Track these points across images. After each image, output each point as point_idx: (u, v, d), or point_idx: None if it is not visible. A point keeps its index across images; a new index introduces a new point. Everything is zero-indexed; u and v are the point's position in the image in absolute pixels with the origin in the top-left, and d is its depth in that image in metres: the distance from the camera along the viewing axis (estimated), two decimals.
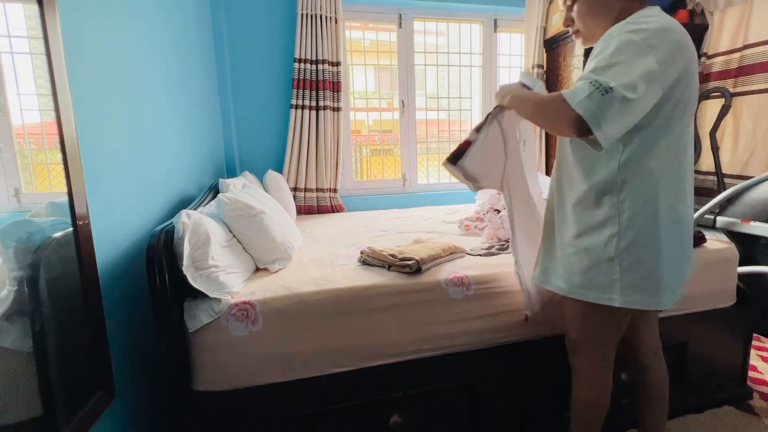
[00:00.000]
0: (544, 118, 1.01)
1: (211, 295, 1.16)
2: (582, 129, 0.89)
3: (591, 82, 0.88)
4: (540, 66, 2.96)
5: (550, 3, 2.86)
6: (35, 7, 0.80)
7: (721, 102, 2.41)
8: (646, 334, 1.24)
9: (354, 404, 1.28)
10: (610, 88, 0.86)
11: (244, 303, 1.19)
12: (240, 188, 1.80)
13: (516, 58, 3.24)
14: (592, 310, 1.09)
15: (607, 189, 1.00)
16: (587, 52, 2.53)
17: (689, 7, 2.56)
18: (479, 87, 3.20)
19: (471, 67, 3.19)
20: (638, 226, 0.98)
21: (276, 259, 1.46)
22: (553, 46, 2.93)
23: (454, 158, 1.18)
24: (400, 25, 2.92)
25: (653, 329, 1.25)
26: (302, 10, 2.51)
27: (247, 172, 2.29)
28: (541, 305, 1.35)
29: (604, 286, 1.02)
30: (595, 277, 1.03)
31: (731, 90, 2.41)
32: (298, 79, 2.57)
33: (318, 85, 2.61)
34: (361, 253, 1.49)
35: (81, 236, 0.89)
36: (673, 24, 0.96)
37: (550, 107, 0.96)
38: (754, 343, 2.03)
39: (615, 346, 1.16)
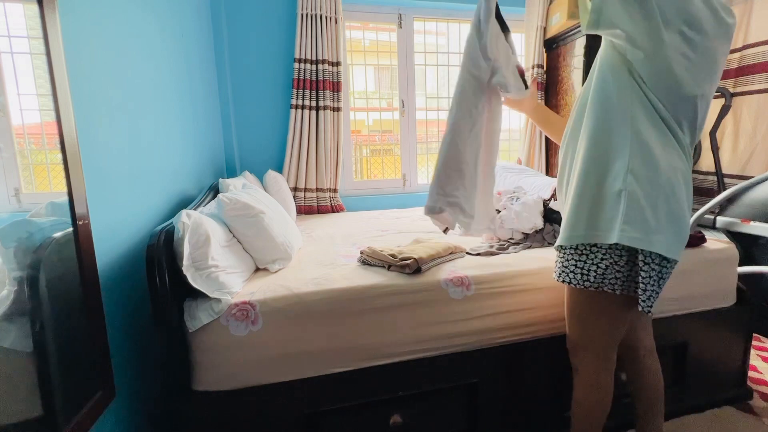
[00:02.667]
0: None
1: (211, 295, 1.16)
2: None
3: None
4: (540, 66, 2.96)
5: (550, 3, 2.86)
6: (35, 7, 0.80)
7: (721, 102, 2.41)
8: (641, 334, 1.24)
9: (354, 404, 1.28)
10: None
11: (244, 303, 1.19)
12: (240, 188, 1.80)
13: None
14: (594, 306, 1.10)
15: (613, 131, 1.01)
16: (587, 53, 2.53)
17: None
18: None
19: None
20: (643, 164, 0.98)
21: (276, 259, 1.46)
22: (553, 46, 2.93)
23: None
24: (400, 25, 2.92)
25: (647, 328, 1.26)
26: (302, 10, 2.51)
27: (247, 172, 2.29)
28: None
29: (606, 223, 1.00)
30: (600, 215, 1.01)
31: (731, 90, 2.41)
32: (298, 79, 2.57)
33: (318, 85, 2.61)
34: (361, 253, 1.49)
35: (81, 236, 0.89)
36: None
37: None
38: (754, 343, 2.03)
39: (616, 347, 1.16)
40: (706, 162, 2.56)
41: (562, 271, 1.12)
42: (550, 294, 1.38)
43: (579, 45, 2.62)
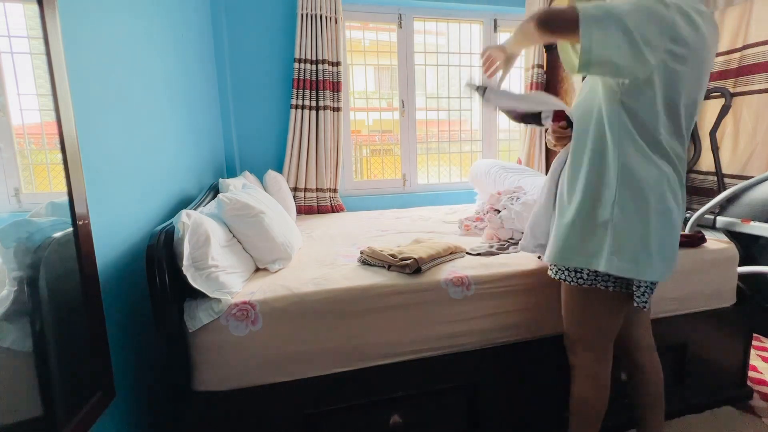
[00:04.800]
0: (551, 18, 1.00)
1: (211, 295, 1.16)
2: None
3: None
4: (540, 66, 2.96)
5: (550, 3, 2.86)
6: (35, 7, 0.80)
7: (721, 102, 2.41)
8: (640, 332, 1.25)
9: (354, 404, 1.28)
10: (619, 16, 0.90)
11: (244, 303, 1.19)
12: (240, 188, 1.80)
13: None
14: (588, 303, 1.11)
15: (607, 163, 1.03)
16: None
17: None
18: None
19: (471, 67, 3.19)
20: (631, 198, 1.00)
21: (276, 259, 1.46)
22: (553, 46, 2.93)
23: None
24: (400, 25, 2.92)
25: (646, 328, 1.26)
26: (302, 10, 2.51)
27: (247, 172, 2.29)
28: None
29: (593, 251, 1.04)
30: (588, 243, 1.05)
31: (731, 90, 2.41)
32: (298, 79, 2.57)
33: (318, 85, 2.61)
34: (361, 253, 1.49)
35: (81, 236, 0.89)
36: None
37: (560, 10, 0.97)
38: (754, 343, 2.03)
39: (612, 343, 1.17)
40: (706, 162, 2.56)
41: (558, 270, 1.17)
42: (550, 294, 1.38)
43: None
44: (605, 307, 1.11)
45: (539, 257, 1.42)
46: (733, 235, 1.92)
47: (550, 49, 2.96)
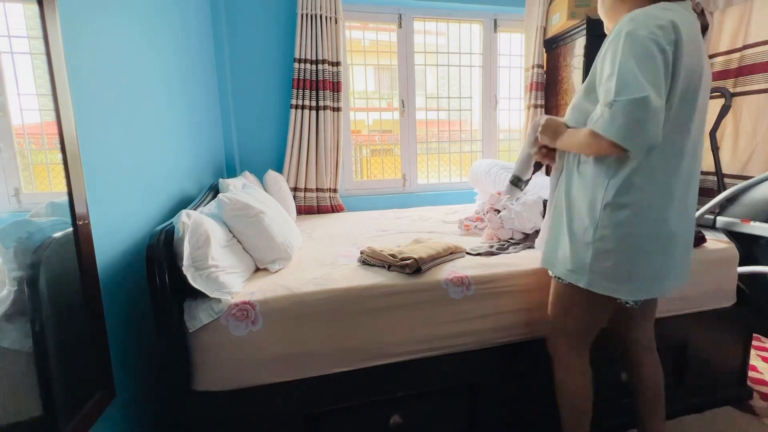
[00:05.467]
0: (593, 151, 1.02)
1: (211, 295, 1.16)
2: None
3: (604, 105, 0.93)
4: (540, 66, 2.96)
5: (550, 3, 2.86)
6: (35, 7, 0.80)
7: (721, 102, 2.41)
8: (640, 332, 1.25)
9: (354, 404, 1.28)
10: (614, 100, 0.90)
11: (244, 303, 1.19)
12: (240, 188, 1.80)
13: (516, 58, 3.24)
14: (580, 296, 1.12)
15: (598, 182, 1.04)
16: (587, 53, 2.53)
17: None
18: (479, 87, 3.20)
19: (471, 67, 3.19)
20: (615, 221, 1.01)
21: (276, 259, 1.46)
22: (553, 46, 2.93)
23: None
24: (400, 25, 2.92)
25: (647, 328, 1.26)
26: (302, 10, 2.51)
27: (247, 172, 2.29)
28: None
29: (578, 267, 1.07)
30: (575, 259, 1.08)
31: (731, 90, 2.41)
32: (298, 79, 2.57)
33: (318, 85, 2.61)
34: (361, 253, 1.49)
35: (81, 236, 0.89)
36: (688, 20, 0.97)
37: (591, 143, 0.99)
38: (754, 343, 2.03)
39: (591, 335, 1.19)
40: (706, 162, 2.56)
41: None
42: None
43: (579, 45, 2.62)
44: (593, 302, 1.12)
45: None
46: (733, 235, 1.92)
47: (550, 49, 2.96)
